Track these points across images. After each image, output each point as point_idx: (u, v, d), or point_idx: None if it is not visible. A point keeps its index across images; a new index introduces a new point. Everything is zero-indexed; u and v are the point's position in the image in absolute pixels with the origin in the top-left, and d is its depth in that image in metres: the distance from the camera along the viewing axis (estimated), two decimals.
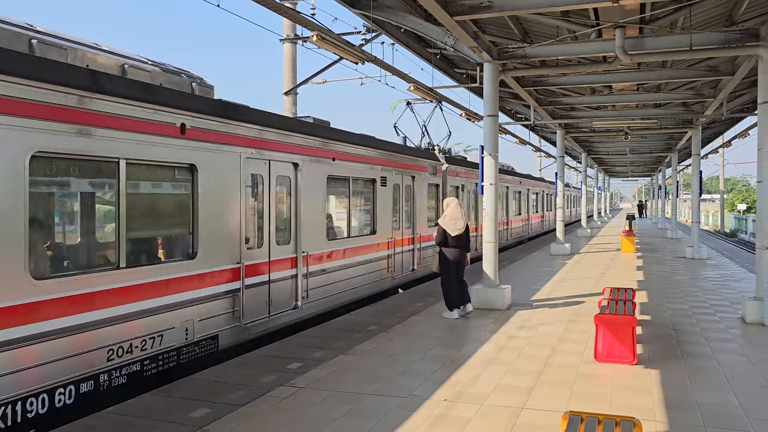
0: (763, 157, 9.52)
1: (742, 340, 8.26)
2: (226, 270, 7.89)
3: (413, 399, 5.84)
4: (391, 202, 13.06)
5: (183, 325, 7.12)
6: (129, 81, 6.70)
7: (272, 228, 8.89)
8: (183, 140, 7.21)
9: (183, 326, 7.12)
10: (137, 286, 6.51)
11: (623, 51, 9.79)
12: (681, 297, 11.77)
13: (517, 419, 5.32)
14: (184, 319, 7.14)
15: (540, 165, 50.80)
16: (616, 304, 7.83)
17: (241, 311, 8.09)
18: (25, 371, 5.33)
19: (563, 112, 18.86)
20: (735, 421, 5.30)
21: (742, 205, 56.07)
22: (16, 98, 5.30)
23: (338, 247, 10.78)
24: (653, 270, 16.07)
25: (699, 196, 20.41)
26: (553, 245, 21.05)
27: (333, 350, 7.67)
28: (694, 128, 20.58)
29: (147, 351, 6.60)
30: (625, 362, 7.03)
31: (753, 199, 64.85)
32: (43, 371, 5.48)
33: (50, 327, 5.54)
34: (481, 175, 10.90)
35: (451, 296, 9.77)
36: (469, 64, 13.63)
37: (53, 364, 5.57)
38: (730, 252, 24.92)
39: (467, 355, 7.44)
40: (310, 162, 9.82)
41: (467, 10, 8.70)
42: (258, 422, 5.26)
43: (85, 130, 5.92)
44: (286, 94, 17.63)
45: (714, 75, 12.85)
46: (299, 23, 9.00)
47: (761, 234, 9.56)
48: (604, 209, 55.41)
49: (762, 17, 9.57)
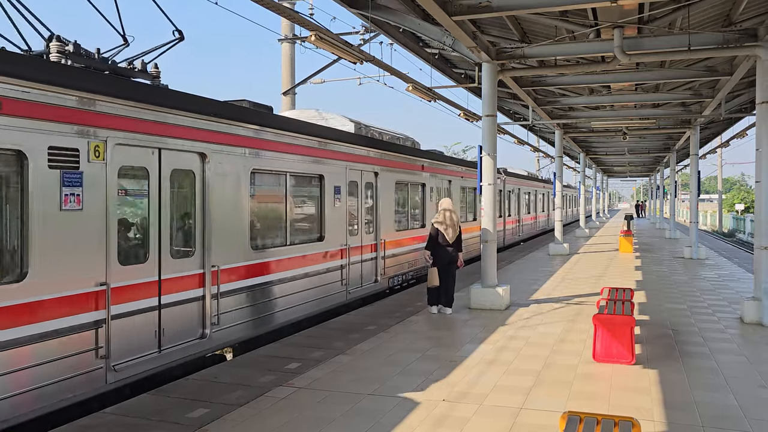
0: (761, 157, 9.52)
1: (741, 341, 8.26)
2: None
3: (412, 399, 5.83)
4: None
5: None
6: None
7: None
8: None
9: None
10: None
11: (622, 51, 9.80)
12: (679, 297, 11.78)
13: (516, 419, 5.31)
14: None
15: (538, 165, 50.86)
16: (615, 304, 7.83)
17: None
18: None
19: (561, 112, 18.87)
20: (733, 421, 5.30)
21: (741, 205, 56.11)
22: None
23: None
24: (651, 270, 16.08)
25: (697, 196, 20.43)
26: (551, 245, 21.05)
27: (331, 350, 7.67)
28: (693, 128, 20.60)
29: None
30: (624, 362, 7.03)
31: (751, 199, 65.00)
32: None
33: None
34: (480, 175, 10.91)
35: (432, 293, 10.18)
36: (467, 64, 13.64)
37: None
38: (728, 252, 24.94)
39: (465, 355, 7.43)
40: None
41: (466, 10, 8.71)
42: (256, 422, 5.25)
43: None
44: (285, 94, 17.62)
45: (712, 75, 12.86)
46: (298, 23, 8.99)
47: (759, 234, 9.57)
48: (603, 209, 55.40)
49: (760, 17, 9.58)
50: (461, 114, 16.54)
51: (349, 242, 11.25)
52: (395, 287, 13.43)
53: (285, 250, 9.21)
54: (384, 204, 12.73)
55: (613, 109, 18.32)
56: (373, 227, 12.38)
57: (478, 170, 10.97)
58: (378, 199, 12.50)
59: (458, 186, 17.69)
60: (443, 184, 16.53)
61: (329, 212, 10.52)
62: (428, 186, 15.25)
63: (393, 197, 13.27)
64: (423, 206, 14.90)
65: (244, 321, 8.17)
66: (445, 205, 10.25)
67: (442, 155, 17.39)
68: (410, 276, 14.12)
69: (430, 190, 15.35)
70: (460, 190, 17.82)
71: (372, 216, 12.39)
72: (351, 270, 11.30)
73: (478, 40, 10.18)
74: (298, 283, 9.49)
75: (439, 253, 10.09)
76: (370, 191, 12.27)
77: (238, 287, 8.08)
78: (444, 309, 10.11)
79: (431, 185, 15.49)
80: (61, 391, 5.58)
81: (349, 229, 11.23)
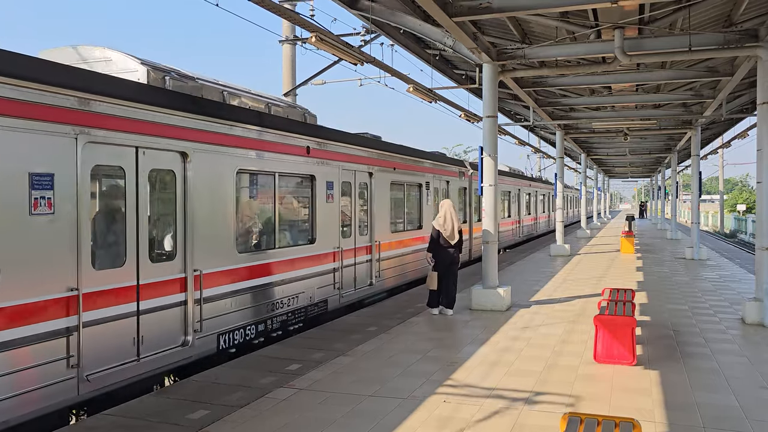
0: (762, 158, 9.51)
1: (742, 341, 8.25)
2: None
3: (413, 400, 5.83)
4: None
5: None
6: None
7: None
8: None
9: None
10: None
11: (622, 52, 9.80)
12: (680, 298, 11.77)
13: (517, 420, 5.31)
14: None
15: (540, 165, 50.83)
16: (616, 305, 7.82)
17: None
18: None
19: (562, 113, 18.87)
20: (735, 422, 5.29)
21: (742, 205, 56.08)
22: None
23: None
24: (653, 271, 16.06)
25: (698, 196, 20.42)
26: (552, 246, 21.05)
27: (332, 351, 7.66)
28: (694, 129, 20.59)
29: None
30: (625, 363, 7.02)
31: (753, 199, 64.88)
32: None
33: None
34: (480, 176, 10.92)
35: (432, 294, 10.19)
36: (468, 65, 13.63)
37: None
38: (729, 253, 24.91)
39: (466, 356, 7.43)
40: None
41: (466, 11, 8.71)
42: (257, 424, 5.25)
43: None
44: (286, 95, 17.62)
45: (713, 76, 12.86)
46: (298, 24, 9.00)
47: (761, 235, 9.55)
48: (604, 210, 55.34)
49: (761, 18, 9.57)
50: (462, 115, 16.54)
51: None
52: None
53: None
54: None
55: (614, 109, 18.32)
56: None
57: (479, 171, 10.98)
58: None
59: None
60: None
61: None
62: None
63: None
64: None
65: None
66: (445, 206, 10.26)
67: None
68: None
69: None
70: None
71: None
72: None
73: (478, 41, 10.18)
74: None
75: (441, 255, 10.11)
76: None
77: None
78: (445, 310, 10.11)
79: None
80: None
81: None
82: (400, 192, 13.86)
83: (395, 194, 13.48)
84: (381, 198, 12.56)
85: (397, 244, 13.40)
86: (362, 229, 11.81)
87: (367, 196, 12.09)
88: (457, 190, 17.65)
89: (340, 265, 10.77)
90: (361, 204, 11.88)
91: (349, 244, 11.18)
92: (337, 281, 10.65)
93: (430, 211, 15.16)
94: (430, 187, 15.42)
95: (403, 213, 13.96)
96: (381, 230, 12.54)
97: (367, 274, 11.93)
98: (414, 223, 14.52)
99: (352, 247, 11.33)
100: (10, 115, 5.21)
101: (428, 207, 15.04)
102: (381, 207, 12.56)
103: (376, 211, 12.31)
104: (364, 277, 11.79)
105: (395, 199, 13.49)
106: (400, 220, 13.86)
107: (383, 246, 12.60)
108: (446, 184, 16.65)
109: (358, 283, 11.52)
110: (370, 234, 12.12)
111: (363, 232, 11.83)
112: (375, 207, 12.25)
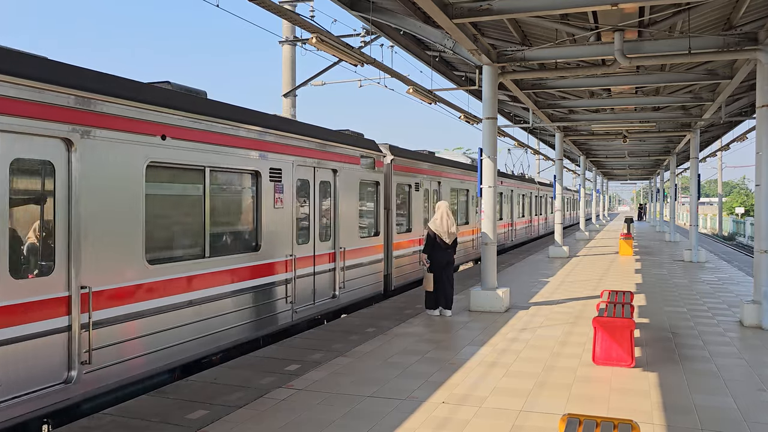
0: (761, 161, 9.53)
1: (740, 344, 8.26)
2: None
3: (411, 401, 5.83)
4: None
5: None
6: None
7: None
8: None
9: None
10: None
11: (622, 54, 9.82)
12: (679, 300, 11.78)
13: (515, 422, 5.31)
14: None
15: (539, 167, 50.86)
16: (614, 307, 7.83)
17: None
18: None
19: (562, 115, 18.89)
20: (733, 424, 5.30)
21: (741, 208, 56.12)
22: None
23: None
24: (651, 273, 16.08)
25: (697, 199, 20.46)
26: (551, 248, 21.06)
27: (331, 352, 7.67)
28: (693, 131, 20.62)
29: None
30: (623, 365, 7.03)
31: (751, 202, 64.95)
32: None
33: None
34: (480, 177, 10.94)
35: (428, 297, 10.23)
36: (468, 67, 13.65)
37: None
38: (728, 255, 24.93)
39: (465, 358, 7.43)
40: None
41: (466, 12, 8.73)
42: (256, 424, 5.25)
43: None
44: (285, 96, 17.62)
45: (712, 78, 12.88)
46: (299, 25, 9.00)
47: (759, 237, 9.57)
48: (602, 212, 55.37)
49: (760, 21, 9.60)
50: (462, 116, 16.55)
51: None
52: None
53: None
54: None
55: (614, 112, 18.35)
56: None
57: (478, 173, 10.99)
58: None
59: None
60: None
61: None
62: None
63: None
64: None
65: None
66: (441, 207, 10.30)
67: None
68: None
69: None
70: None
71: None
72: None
73: (478, 42, 10.20)
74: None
75: (437, 256, 10.14)
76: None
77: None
78: (444, 311, 10.12)
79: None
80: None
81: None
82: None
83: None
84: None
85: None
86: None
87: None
88: (354, 184, 11.56)
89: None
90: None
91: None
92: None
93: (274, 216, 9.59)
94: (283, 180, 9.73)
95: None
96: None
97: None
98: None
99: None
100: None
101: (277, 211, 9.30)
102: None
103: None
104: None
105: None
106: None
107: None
108: (332, 173, 10.82)
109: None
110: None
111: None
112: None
